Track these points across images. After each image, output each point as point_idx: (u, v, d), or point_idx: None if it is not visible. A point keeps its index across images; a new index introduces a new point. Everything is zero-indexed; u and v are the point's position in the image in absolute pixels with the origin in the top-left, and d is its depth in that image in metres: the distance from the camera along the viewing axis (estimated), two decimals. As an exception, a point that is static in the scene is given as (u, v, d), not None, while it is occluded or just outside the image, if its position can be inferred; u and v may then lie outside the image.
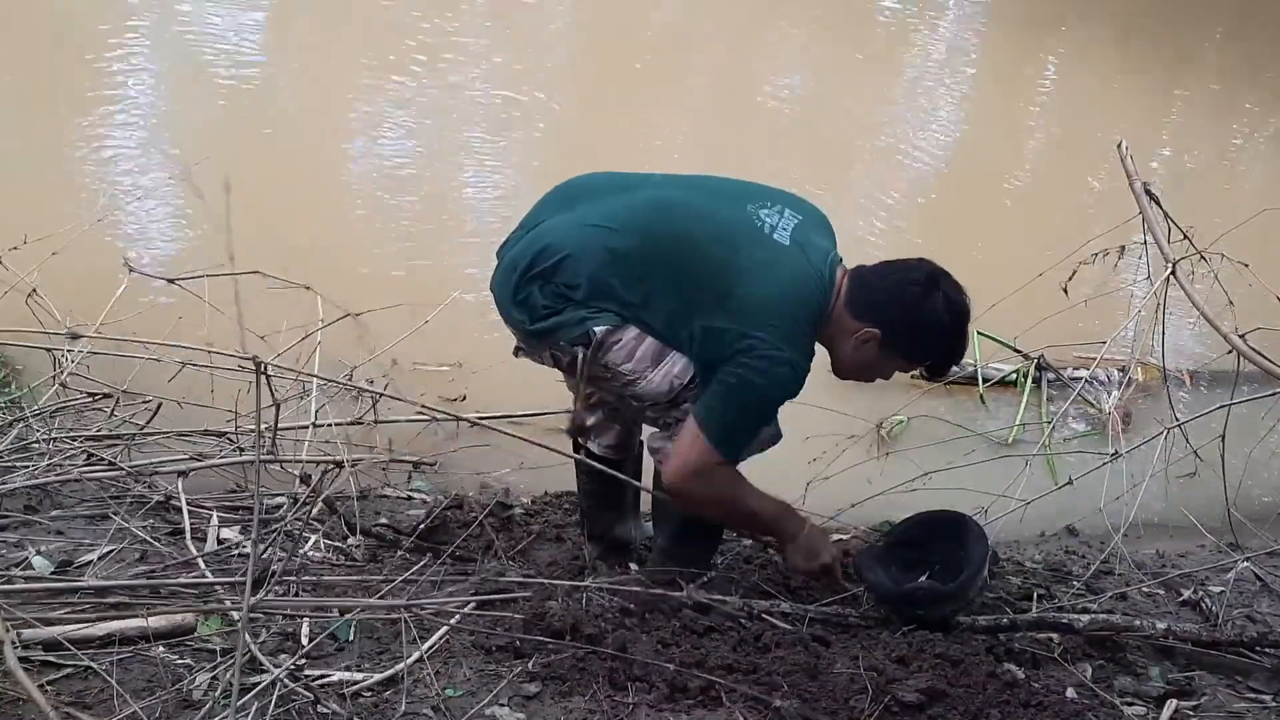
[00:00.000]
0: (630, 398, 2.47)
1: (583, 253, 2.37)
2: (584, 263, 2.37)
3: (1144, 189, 2.92)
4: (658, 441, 2.53)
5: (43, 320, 3.36)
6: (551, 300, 2.39)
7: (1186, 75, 7.49)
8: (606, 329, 2.37)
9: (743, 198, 2.43)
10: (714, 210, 2.41)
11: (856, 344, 2.40)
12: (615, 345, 2.39)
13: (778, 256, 2.35)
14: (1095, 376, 4.04)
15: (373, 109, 5.52)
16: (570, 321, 2.38)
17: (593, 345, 2.37)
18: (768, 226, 2.38)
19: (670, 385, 2.40)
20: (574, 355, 2.40)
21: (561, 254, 2.38)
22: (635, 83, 6.14)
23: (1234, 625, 2.67)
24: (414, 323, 3.43)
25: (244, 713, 1.85)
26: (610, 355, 2.40)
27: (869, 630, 2.43)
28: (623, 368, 2.41)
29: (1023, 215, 5.61)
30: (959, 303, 2.39)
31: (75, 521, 2.65)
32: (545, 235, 2.44)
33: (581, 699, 2.10)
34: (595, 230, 2.39)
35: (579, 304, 2.37)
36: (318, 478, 2.60)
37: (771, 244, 2.36)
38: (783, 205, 2.43)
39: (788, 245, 2.36)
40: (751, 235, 2.36)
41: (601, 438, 2.71)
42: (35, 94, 5.11)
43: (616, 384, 2.45)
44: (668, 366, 2.40)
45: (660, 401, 2.43)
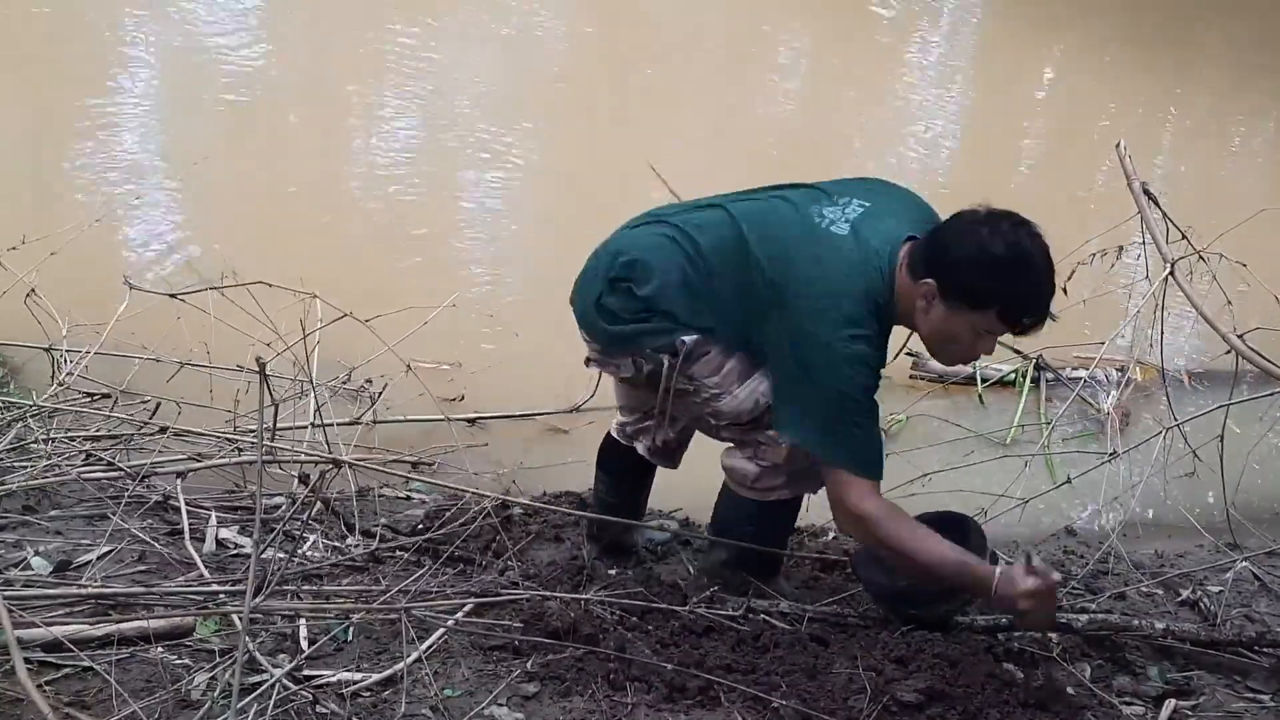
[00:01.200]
0: (709, 415, 2.40)
1: (664, 259, 2.33)
2: (664, 269, 2.32)
3: (1142, 189, 2.92)
4: (731, 459, 2.48)
5: (41, 320, 3.36)
6: (634, 307, 2.34)
7: (1186, 75, 7.49)
8: (696, 339, 2.31)
9: (807, 201, 2.33)
10: (775, 217, 2.33)
11: (924, 307, 2.20)
12: (703, 357, 2.33)
13: (826, 251, 2.22)
14: (1094, 376, 4.04)
15: (373, 109, 5.52)
16: (658, 330, 2.33)
17: (681, 355, 2.31)
18: (826, 222, 2.26)
19: (755, 403, 2.34)
20: (657, 364, 2.34)
21: (642, 257, 2.34)
22: (636, 82, 6.14)
23: (1232, 625, 2.67)
24: (414, 324, 3.43)
25: (243, 713, 1.85)
26: (696, 367, 2.34)
27: (868, 630, 2.43)
28: (708, 380, 2.35)
29: (1022, 215, 5.60)
30: (1012, 234, 2.14)
31: (74, 522, 2.66)
32: (623, 241, 2.42)
33: (580, 699, 2.10)
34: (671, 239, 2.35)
35: (664, 314, 2.32)
36: (317, 478, 2.60)
37: (825, 238, 2.23)
38: (851, 197, 2.31)
39: (844, 235, 2.25)
40: (807, 238, 2.26)
41: (649, 438, 2.63)
42: (35, 94, 5.11)
43: (698, 399, 2.39)
44: (754, 384, 2.33)
45: (742, 420, 2.37)
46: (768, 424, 2.35)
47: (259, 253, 2.85)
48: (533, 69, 6.21)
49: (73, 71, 5.40)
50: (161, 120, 5.22)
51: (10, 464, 2.73)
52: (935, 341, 2.28)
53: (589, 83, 6.11)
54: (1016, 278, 2.15)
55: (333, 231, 4.49)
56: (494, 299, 4.14)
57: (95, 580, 2.32)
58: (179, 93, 5.47)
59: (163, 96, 5.43)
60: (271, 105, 5.46)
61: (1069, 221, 5.21)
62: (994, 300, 2.15)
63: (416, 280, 4.13)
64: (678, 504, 3.13)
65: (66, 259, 3.48)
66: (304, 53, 6.04)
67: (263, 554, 2.38)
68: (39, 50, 5.39)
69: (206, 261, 3.15)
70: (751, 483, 2.46)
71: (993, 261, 2.13)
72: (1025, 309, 2.18)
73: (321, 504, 2.76)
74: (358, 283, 3.73)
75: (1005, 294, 2.15)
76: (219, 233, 4.27)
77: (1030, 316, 2.19)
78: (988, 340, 2.25)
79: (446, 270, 4.46)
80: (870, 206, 2.30)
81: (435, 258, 4.56)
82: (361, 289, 3.56)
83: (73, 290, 3.53)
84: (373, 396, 3.44)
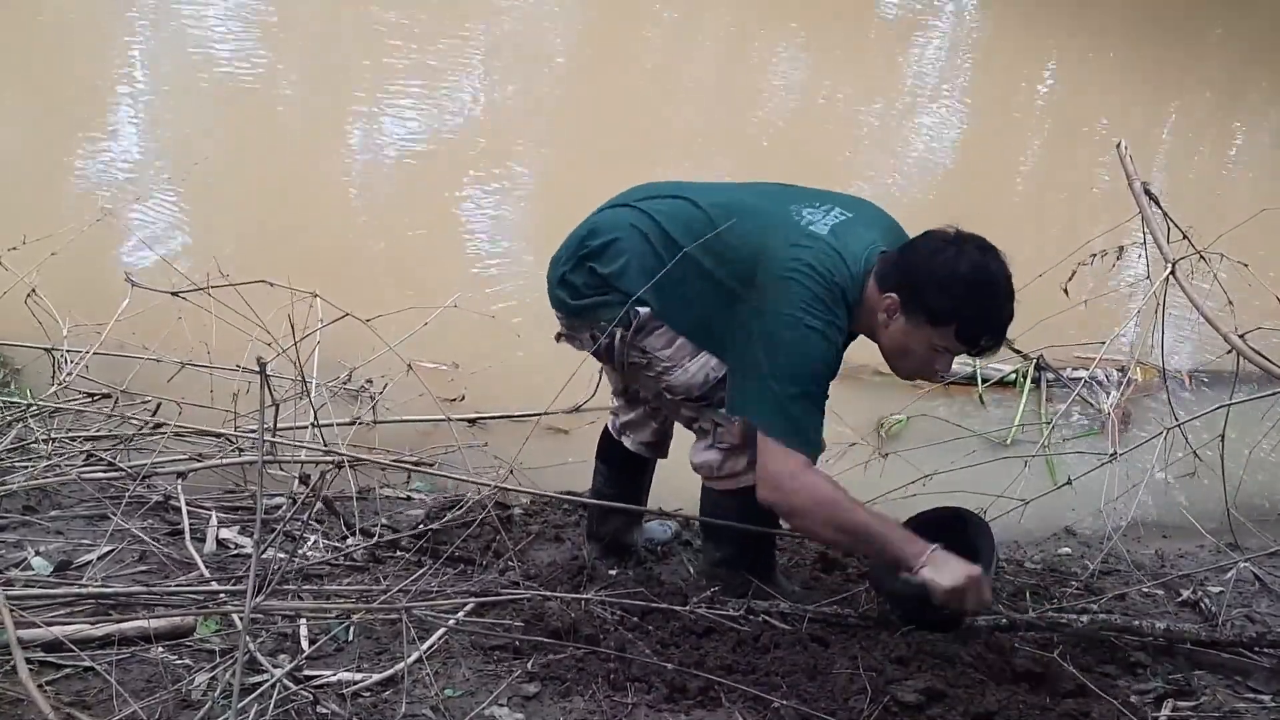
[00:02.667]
0: (665, 390, 2.44)
1: (629, 241, 2.38)
2: (628, 250, 2.37)
3: (1143, 189, 2.92)
4: (696, 455, 2.49)
5: (42, 320, 3.36)
6: (594, 283, 2.40)
7: (1187, 75, 7.50)
8: (649, 312, 2.36)
9: (790, 199, 2.39)
10: (753, 208, 2.37)
11: (885, 320, 2.28)
12: (657, 330, 2.37)
13: (801, 241, 2.28)
14: (1095, 376, 4.04)
15: (375, 109, 5.52)
16: (614, 302, 2.37)
17: (633, 327, 2.36)
18: (805, 220, 2.32)
19: (705, 377, 2.37)
20: (612, 337, 2.39)
21: (609, 238, 2.40)
22: (639, 80, 6.14)
23: (1233, 625, 2.67)
24: (414, 324, 3.43)
25: (244, 714, 1.85)
26: (649, 340, 2.38)
27: (868, 630, 2.43)
28: (660, 354, 2.39)
29: (1022, 215, 5.61)
30: (978, 256, 2.22)
31: (74, 521, 2.66)
32: (595, 221, 2.47)
33: (581, 699, 2.10)
34: (643, 220, 2.40)
35: (622, 290, 2.36)
36: (317, 478, 2.60)
37: (803, 233, 2.29)
38: (833, 205, 2.37)
39: (823, 235, 2.29)
40: (781, 227, 2.31)
41: (637, 434, 2.68)
42: (35, 94, 5.11)
43: (651, 373, 2.42)
44: (705, 359, 2.37)
45: (693, 395, 2.40)
46: (720, 401, 2.38)
47: (260, 252, 2.85)
48: (535, 70, 6.21)
49: (73, 72, 5.40)
50: (162, 120, 5.22)
51: (11, 464, 2.73)
52: (893, 354, 2.35)
53: (590, 82, 6.11)
54: (978, 298, 2.22)
55: (334, 231, 4.49)
56: (495, 299, 4.14)
57: (96, 580, 2.32)
58: (179, 92, 5.47)
59: (163, 96, 5.43)
60: (273, 106, 5.47)
61: (1069, 221, 5.23)
62: (953, 318, 2.23)
63: (417, 280, 4.14)
64: (678, 503, 3.12)
65: (66, 259, 3.48)
66: (306, 53, 6.05)
67: (263, 554, 2.38)
68: (39, 51, 5.39)
69: (207, 261, 3.15)
70: (717, 472, 2.47)
71: (957, 280, 2.21)
72: (983, 329, 2.25)
73: (322, 504, 2.76)
74: (358, 282, 3.73)
75: (965, 313, 2.22)
76: (220, 232, 4.28)
77: (987, 337, 2.27)
78: (944, 358, 2.32)
79: (447, 270, 4.46)
80: (852, 216, 2.37)
81: (436, 258, 4.56)
82: (362, 289, 3.57)
83: (73, 290, 3.53)
84: (373, 396, 3.44)
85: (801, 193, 2.44)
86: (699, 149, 5.63)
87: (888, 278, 2.27)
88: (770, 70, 6.73)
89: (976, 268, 2.22)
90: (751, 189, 2.51)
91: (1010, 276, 2.26)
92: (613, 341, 2.40)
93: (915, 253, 2.27)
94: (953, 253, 2.22)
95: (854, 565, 2.86)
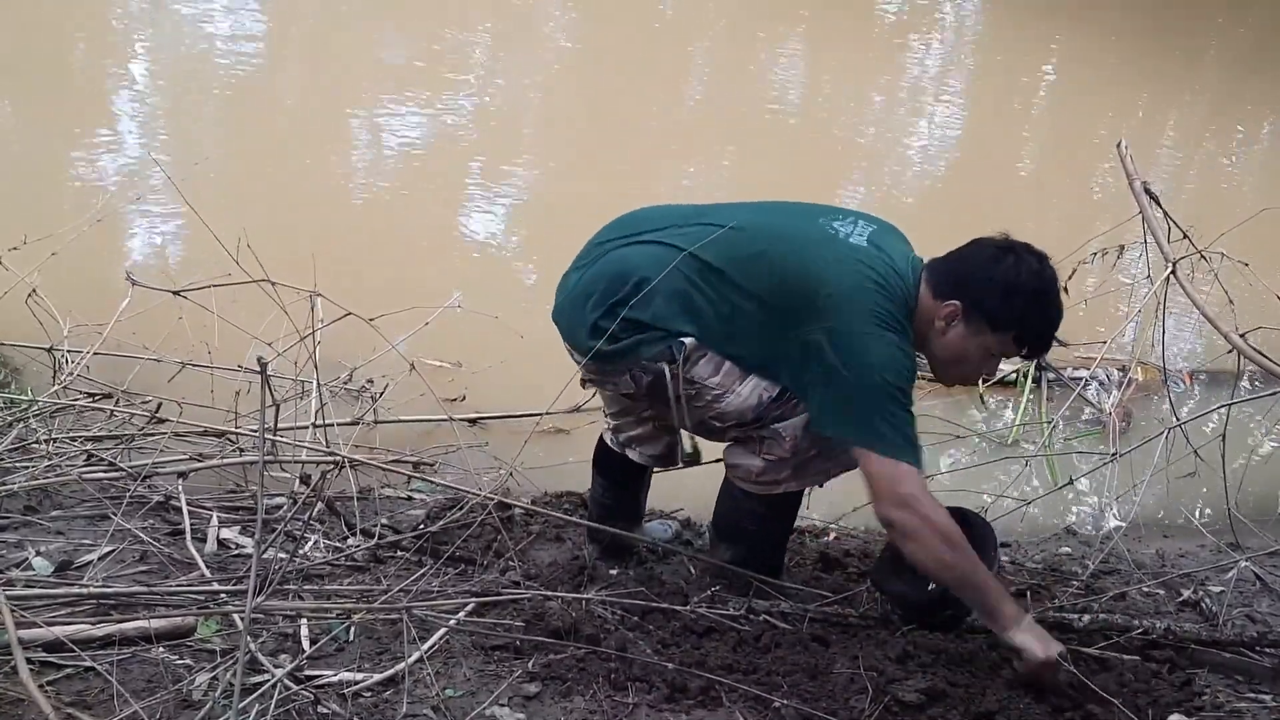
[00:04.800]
0: (713, 418, 2.39)
1: (663, 279, 2.32)
2: (662, 288, 2.32)
3: (1144, 188, 2.92)
4: (734, 455, 2.47)
5: (43, 320, 3.36)
6: (631, 325, 2.33)
7: (1186, 75, 7.50)
8: (694, 342, 2.32)
9: (814, 214, 2.39)
10: (785, 226, 2.37)
11: (943, 327, 2.31)
12: (702, 359, 2.33)
13: (854, 255, 2.29)
14: (1095, 376, 4.04)
15: (377, 109, 5.52)
16: (653, 339, 2.32)
17: (680, 357, 2.31)
18: (841, 234, 2.33)
19: (759, 399, 2.34)
20: (656, 374, 2.33)
21: (640, 278, 2.32)
22: (640, 80, 6.14)
23: (1234, 625, 2.67)
24: (415, 324, 3.43)
25: (245, 714, 1.85)
26: (696, 369, 2.33)
27: (869, 630, 2.43)
28: (709, 381, 2.34)
29: (1023, 215, 5.61)
30: (1035, 264, 2.29)
31: (75, 522, 2.66)
32: (619, 262, 2.39)
33: (581, 699, 2.11)
34: (673, 254, 2.33)
35: (660, 327, 2.32)
36: (318, 478, 2.60)
37: (847, 246, 2.31)
38: (856, 219, 2.39)
39: (864, 246, 2.31)
40: (825, 243, 2.31)
41: (646, 447, 2.64)
42: (35, 94, 5.11)
43: (700, 402, 2.37)
44: (755, 380, 2.34)
45: (746, 419, 2.37)
46: (772, 418, 2.35)
47: (260, 252, 2.84)
48: (538, 71, 6.21)
49: (74, 72, 5.40)
50: (163, 120, 5.22)
51: (12, 464, 2.73)
52: (946, 361, 2.38)
53: (592, 82, 6.11)
54: (1039, 305, 2.30)
55: (335, 231, 4.49)
56: (497, 300, 4.14)
57: (97, 580, 2.32)
58: (180, 92, 5.47)
59: (164, 96, 5.43)
60: (274, 105, 5.46)
61: (1070, 221, 5.22)
62: (1015, 325, 2.29)
63: (419, 280, 4.14)
64: (679, 504, 3.13)
65: (67, 259, 3.48)
66: (307, 54, 6.05)
67: (264, 554, 2.38)
68: (39, 50, 5.39)
69: (208, 261, 3.15)
70: (756, 477, 2.45)
71: (1020, 288, 2.27)
72: (1041, 334, 2.34)
73: (323, 504, 2.76)
74: (360, 282, 3.73)
75: (1027, 320, 2.30)
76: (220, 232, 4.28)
77: (1043, 342, 2.37)
78: (994, 362, 2.40)
79: (449, 270, 4.46)
80: (878, 228, 2.39)
81: (438, 258, 4.56)
82: (364, 288, 3.57)
83: (74, 290, 3.53)
84: (374, 396, 3.44)
85: (821, 208, 2.44)
86: (699, 147, 5.63)
87: (943, 286, 2.30)
88: (770, 70, 6.73)
89: (1036, 275, 2.28)
90: (770, 208, 2.47)
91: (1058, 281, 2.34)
92: (659, 379, 2.34)
93: (974, 261, 2.32)
94: (1012, 260, 2.28)
95: (854, 565, 2.86)
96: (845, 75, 6.83)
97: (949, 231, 2.31)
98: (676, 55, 6.62)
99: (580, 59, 6.46)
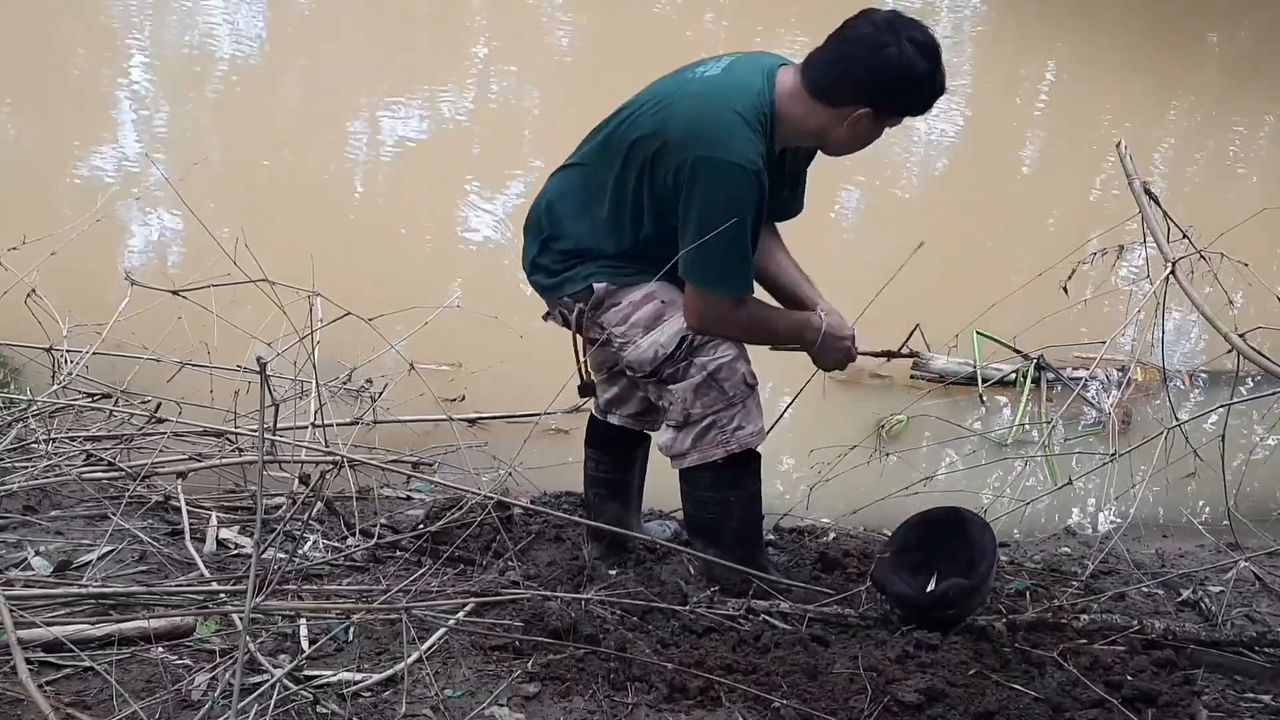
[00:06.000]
0: (626, 366, 2.49)
1: (564, 196, 2.45)
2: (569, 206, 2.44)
3: (1143, 189, 2.91)
4: (661, 434, 2.53)
5: (42, 320, 3.36)
6: (558, 259, 2.45)
7: (1186, 74, 7.50)
8: (606, 286, 2.41)
9: (688, 67, 2.42)
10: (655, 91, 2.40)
11: (851, 127, 2.31)
12: (614, 306, 2.42)
13: (700, 88, 2.32)
14: (1095, 376, 4.04)
15: (377, 109, 5.52)
16: (575, 277, 2.43)
17: (591, 301, 2.41)
18: (697, 74, 2.36)
19: (655, 354, 2.41)
20: (577, 310, 2.44)
21: (546, 203, 2.47)
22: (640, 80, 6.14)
23: (1233, 625, 2.67)
24: (415, 324, 3.43)
25: (244, 714, 1.85)
26: (606, 315, 2.43)
27: (868, 630, 2.43)
28: (616, 330, 2.43)
29: (1023, 215, 5.62)
30: (926, 42, 2.27)
31: (74, 522, 2.66)
32: (538, 198, 2.53)
33: (581, 699, 2.10)
34: (567, 171, 2.48)
35: (579, 255, 2.42)
36: (317, 478, 2.60)
37: (696, 81, 2.34)
38: (732, 59, 2.39)
39: (715, 75, 2.34)
40: (679, 87, 2.35)
41: (622, 408, 2.70)
42: (35, 94, 5.11)
43: (611, 347, 2.47)
44: (655, 335, 2.41)
45: (645, 370, 2.44)
46: (667, 376, 2.42)
47: (259, 252, 2.84)
48: (537, 68, 6.21)
49: (73, 71, 5.40)
50: (162, 120, 5.22)
51: (11, 464, 2.73)
52: (845, 148, 2.39)
53: (591, 81, 6.11)
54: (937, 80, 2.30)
55: (335, 231, 4.49)
56: (496, 300, 4.13)
57: (96, 580, 2.32)
58: (179, 92, 5.47)
59: (163, 96, 5.43)
60: (273, 105, 5.46)
61: (1070, 221, 5.22)
62: (918, 106, 2.35)
63: (419, 280, 4.14)
64: (679, 505, 3.12)
65: (66, 259, 3.48)
66: (307, 53, 6.05)
67: (263, 554, 2.38)
68: (39, 50, 5.39)
69: (207, 261, 3.15)
70: (669, 451, 2.52)
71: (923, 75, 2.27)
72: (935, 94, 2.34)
73: (322, 504, 2.76)
74: (359, 282, 3.73)
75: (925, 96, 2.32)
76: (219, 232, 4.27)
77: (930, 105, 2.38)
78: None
79: (449, 270, 4.46)
80: (743, 55, 2.40)
81: (438, 258, 4.56)
82: (363, 288, 3.56)
83: (73, 290, 3.53)
84: (373, 396, 3.44)
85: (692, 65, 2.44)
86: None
87: (840, 93, 2.28)
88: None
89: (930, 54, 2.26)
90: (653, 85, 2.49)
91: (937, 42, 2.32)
92: (579, 317, 2.45)
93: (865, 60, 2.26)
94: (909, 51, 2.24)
95: (854, 565, 2.86)
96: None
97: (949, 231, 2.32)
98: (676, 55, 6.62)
99: (581, 59, 6.45)
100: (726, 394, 2.43)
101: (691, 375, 2.42)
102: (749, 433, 2.47)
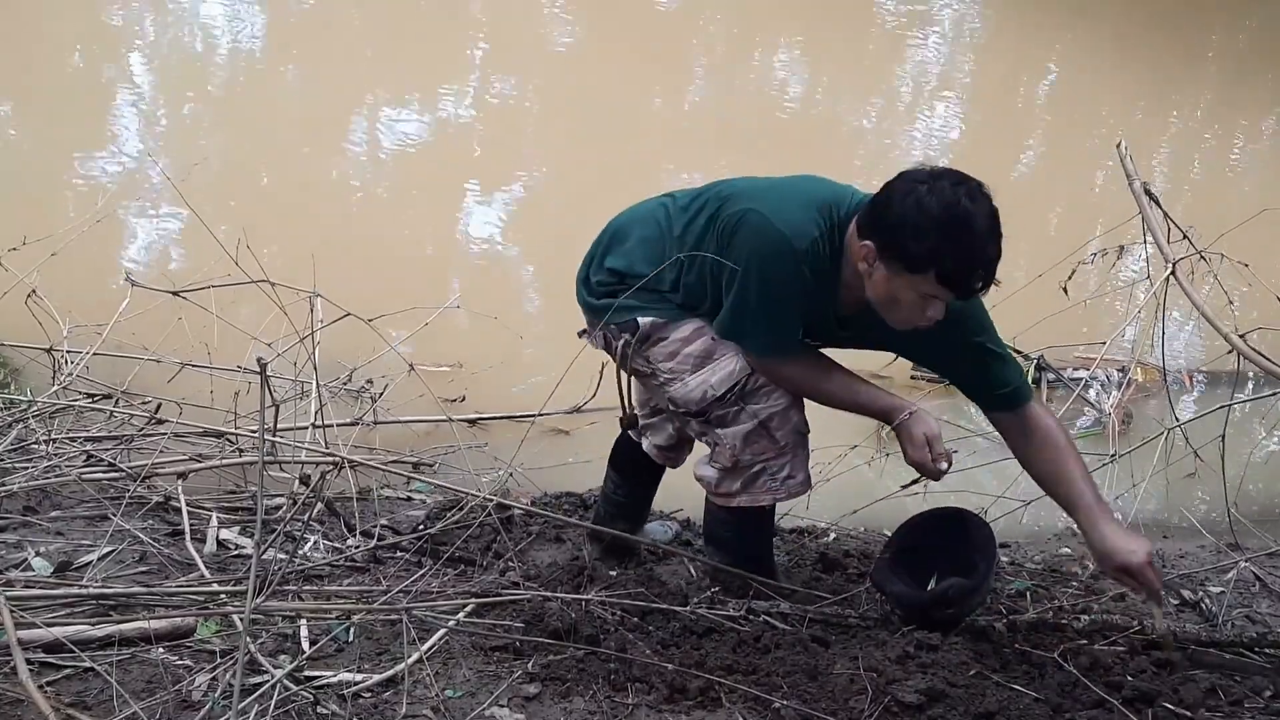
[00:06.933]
0: (668, 401, 2.43)
1: (639, 222, 2.41)
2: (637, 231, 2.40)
3: (1143, 189, 2.92)
4: (700, 468, 2.50)
5: (42, 321, 3.36)
6: (608, 279, 2.41)
7: (1186, 75, 7.49)
8: (653, 321, 2.36)
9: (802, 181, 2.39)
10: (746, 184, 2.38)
11: (866, 269, 2.16)
12: (661, 341, 2.37)
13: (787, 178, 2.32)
14: (1095, 377, 4.04)
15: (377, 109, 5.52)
16: (623, 305, 2.37)
17: (638, 335, 2.36)
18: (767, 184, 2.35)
19: (704, 394, 2.34)
20: (623, 341, 2.39)
21: (616, 226, 2.44)
22: (641, 79, 6.14)
23: (1233, 625, 2.67)
24: (415, 324, 3.44)
25: (244, 714, 1.85)
26: (654, 350, 2.37)
27: (869, 631, 2.43)
28: (662, 365, 2.37)
29: (1022, 215, 5.60)
30: (951, 193, 2.06)
31: (75, 522, 2.66)
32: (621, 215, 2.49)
33: (581, 700, 2.10)
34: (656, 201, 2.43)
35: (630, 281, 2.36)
36: (317, 479, 2.60)
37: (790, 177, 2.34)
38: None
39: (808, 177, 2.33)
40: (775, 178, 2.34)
41: (654, 436, 2.66)
42: (35, 95, 5.11)
43: (655, 381, 2.42)
44: (705, 375, 2.34)
45: (692, 409, 2.38)
46: (716, 418, 2.37)
47: (260, 253, 2.85)
48: (538, 68, 6.21)
49: (73, 72, 5.40)
50: (161, 120, 5.22)
51: (11, 465, 2.73)
52: (881, 304, 2.22)
53: (592, 82, 6.11)
54: (953, 239, 2.06)
55: (335, 231, 4.49)
56: (496, 300, 4.14)
57: (96, 581, 2.32)
58: (179, 92, 5.47)
59: (163, 96, 5.43)
60: (273, 105, 5.46)
61: (1070, 221, 5.22)
62: (930, 263, 2.07)
63: (418, 281, 4.14)
64: (679, 505, 3.13)
65: (67, 259, 3.49)
66: (306, 53, 6.04)
67: (263, 554, 2.38)
68: (39, 50, 5.39)
69: (207, 261, 3.15)
70: (714, 488, 2.48)
71: (929, 223, 2.05)
72: (962, 271, 2.09)
73: (322, 505, 2.76)
74: (359, 283, 3.73)
75: (943, 256, 2.06)
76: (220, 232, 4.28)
77: (970, 279, 2.11)
78: (936, 304, 2.16)
79: (449, 271, 4.46)
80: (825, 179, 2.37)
81: (437, 258, 4.56)
82: (363, 289, 3.56)
83: (73, 290, 3.54)
84: (373, 397, 3.44)
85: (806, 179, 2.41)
86: (700, 147, 5.63)
87: (862, 224, 2.17)
88: (769, 70, 6.73)
89: (948, 206, 2.05)
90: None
91: (992, 210, 2.11)
92: (625, 349, 2.39)
93: (888, 196, 2.13)
94: (924, 191, 2.07)
95: (854, 566, 2.86)
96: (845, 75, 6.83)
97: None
98: (677, 55, 6.62)
99: (581, 59, 6.45)
100: (778, 443, 2.38)
101: (742, 421, 2.35)
102: (799, 481, 2.43)
